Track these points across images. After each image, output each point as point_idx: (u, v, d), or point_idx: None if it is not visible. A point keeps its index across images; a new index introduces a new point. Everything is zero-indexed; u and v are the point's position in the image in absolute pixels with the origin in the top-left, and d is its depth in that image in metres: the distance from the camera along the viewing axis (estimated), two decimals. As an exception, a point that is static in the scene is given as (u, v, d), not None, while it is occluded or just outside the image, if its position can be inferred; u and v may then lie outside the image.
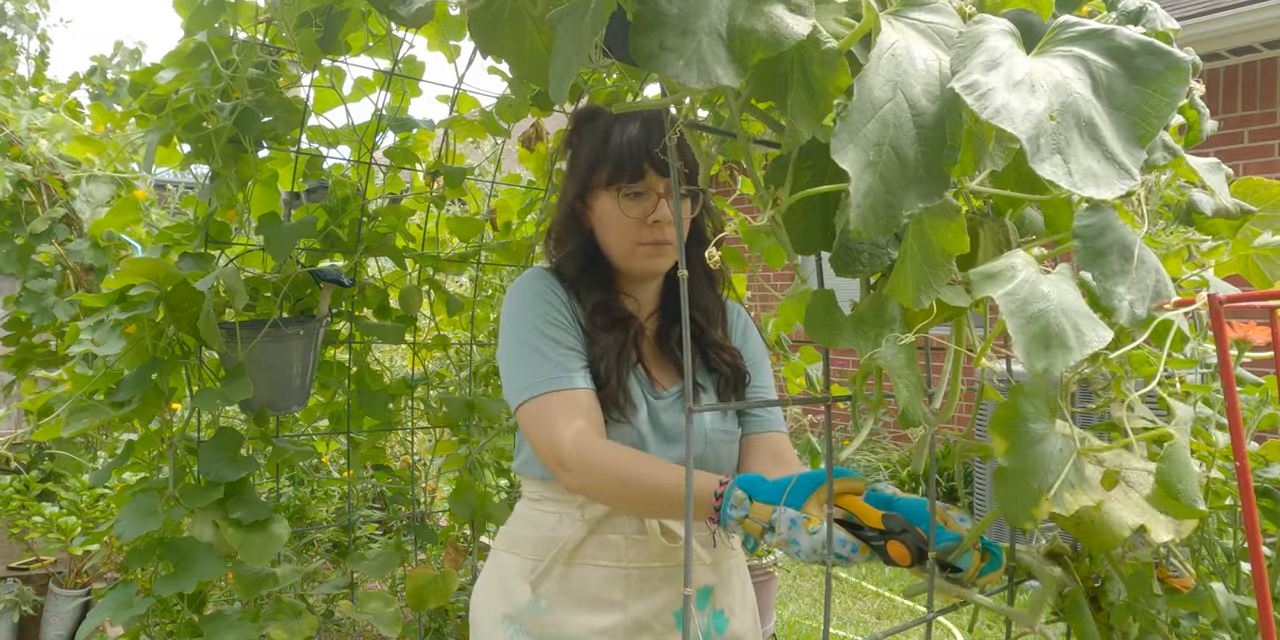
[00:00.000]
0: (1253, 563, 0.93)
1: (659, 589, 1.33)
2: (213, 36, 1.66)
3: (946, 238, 0.70)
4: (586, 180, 1.36)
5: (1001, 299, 0.66)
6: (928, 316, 0.89)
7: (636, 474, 1.16)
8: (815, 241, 0.86)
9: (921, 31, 0.65)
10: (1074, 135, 0.57)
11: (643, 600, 1.32)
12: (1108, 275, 0.72)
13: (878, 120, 0.60)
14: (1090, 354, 0.67)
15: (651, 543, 1.33)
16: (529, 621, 1.33)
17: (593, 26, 0.66)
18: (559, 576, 1.33)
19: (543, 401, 1.24)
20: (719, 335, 1.44)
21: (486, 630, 1.38)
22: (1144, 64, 0.61)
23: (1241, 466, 0.94)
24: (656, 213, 1.32)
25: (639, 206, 1.33)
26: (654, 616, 1.32)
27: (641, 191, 1.33)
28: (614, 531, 1.34)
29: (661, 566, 1.33)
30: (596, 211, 1.37)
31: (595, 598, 1.32)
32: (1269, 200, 1.26)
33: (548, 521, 1.37)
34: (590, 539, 1.34)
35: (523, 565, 1.37)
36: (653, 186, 1.33)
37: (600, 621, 1.31)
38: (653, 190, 1.33)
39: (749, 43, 0.60)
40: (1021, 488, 0.74)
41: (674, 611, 1.33)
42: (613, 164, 1.32)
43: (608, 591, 1.32)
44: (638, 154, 1.31)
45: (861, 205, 0.61)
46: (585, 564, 1.33)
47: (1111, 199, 0.59)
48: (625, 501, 1.22)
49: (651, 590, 1.33)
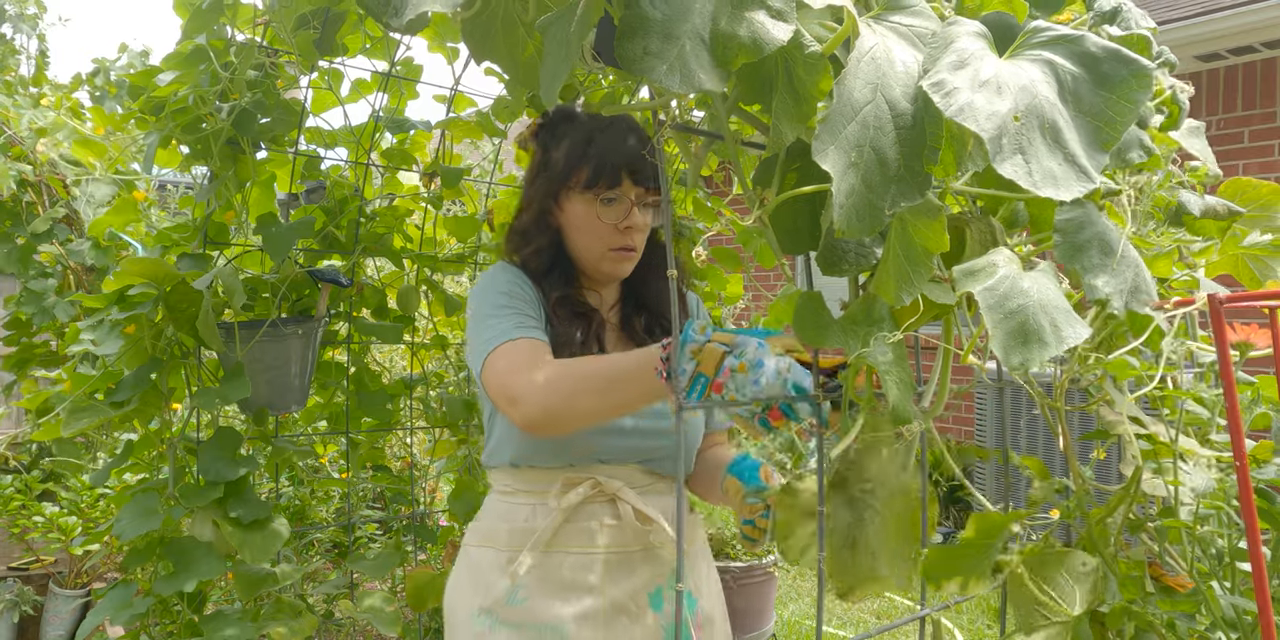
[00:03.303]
0: (1253, 563, 0.94)
1: (634, 572, 1.35)
2: (211, 38, 1.67)
3: (928, 236, 0.71)
4: (561, 181, 1.38)
5: (981, 294, 0.67)
6: (916, 315, 0.90)
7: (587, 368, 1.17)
8: (803, 241, 0.87)
9: (902, 35, 0.66)
10: (1036, 136, 0.58)
11: (619, 584, 1.34)
12: (1088, 269, 0.74)
13: (858, 122, 0.61)
14: (1067, 350, 0.68)
15: (626, 527, 1.35)
16: (506, 612, 1.33)
17: (580, 31, 0.67)
18: (536, 566, 1.34)
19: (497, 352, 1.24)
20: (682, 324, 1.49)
21: (463, 625, 1.38)
22: (1110, 70, 0.62)
23: (1242, 466, 0.94)
24: (629, 219, 1.36)
25: (613, 212, 1.36)
26: (630, 598, 1.35)
27: (616, 198, 1.36)
28: (588, 519, 1.35)
29: (638, 550, 1.35)
30: (568, 213, 1.39)
31: (572, 584, 1.34)
32: (1258, 200, 1.27)
33: (521, 513, 1.38)
34: (565, 527, 1.34)
35: (498, 558, 1.37)
36: (627, 193, 1.36)
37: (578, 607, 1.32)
38: (626, 197, 1.36)
39: (731, 48, 0.61)
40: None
41: (648, 592, 1.36)
42: (592, 169, 1.34)
43: (584, 577, 1.34)
44: (617, 160, 1.34)
45: (844, 206, 0.62)
46: (561, 552, 1.34)
47: (1068, 199, 0.60)
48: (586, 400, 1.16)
49: (627, 574, 1.35)
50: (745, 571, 3.39)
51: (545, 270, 1.40)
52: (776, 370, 0.95)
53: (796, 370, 0.95)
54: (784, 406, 0.97)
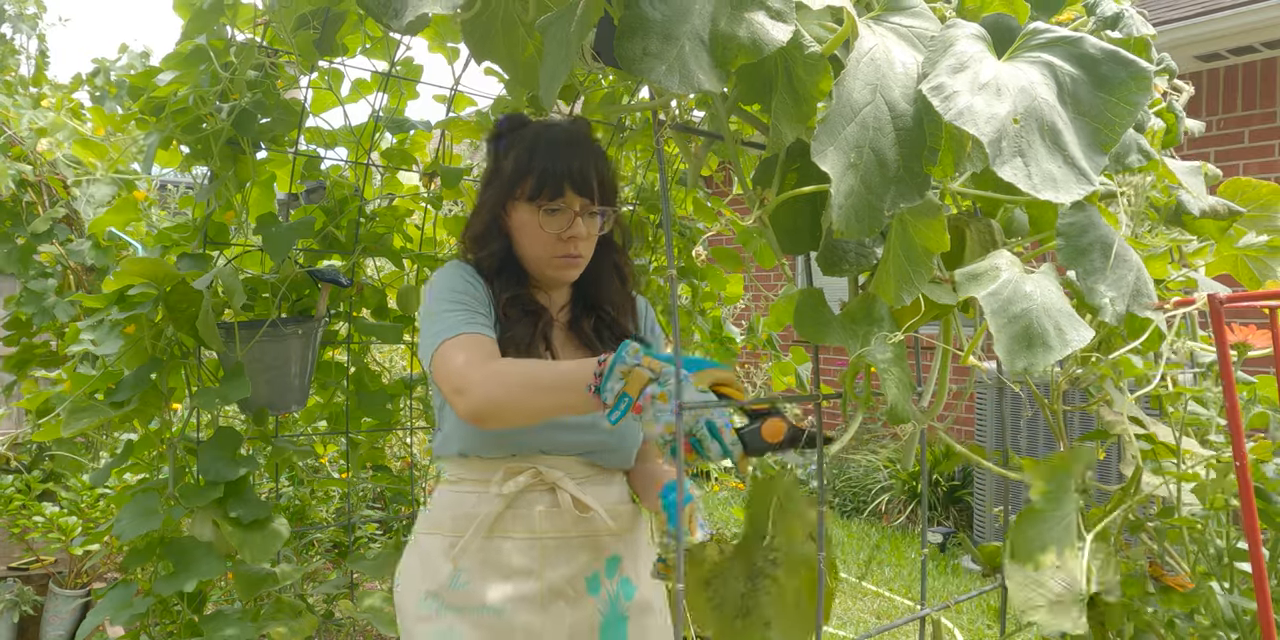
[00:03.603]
0: (1252, 563, 0.94)
1: (573, 557, 1.42)
2: (211, 38, 1.67)
3: (928, 236, 0.71)
4: (508, 191, 1.43)
5: (984, 299, 0.67)
6: (916, 315, 0.91)
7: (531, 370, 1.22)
8: (803, 241, 0.87)
9: (902, 35, 0.66)
10: (1036, 139, 0.58)
11: (557, 568, 1.40)
12: (1089, 272, 0.74)
13: (858, 123, 0.61)
14: (1071, 353, 0.68)
15: (565, 514, 1.41)
16: (450, 596, 1.39)
17: (579, 32, 0.67)
18: (477, 550, 1.40)
19: (448, 344, 1.29)
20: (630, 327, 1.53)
21: (410, 609, 1.44)
22: (1109, 72, 0.62)
23: (1242, 467, 0.94)
24: (572, 229, 1.39)
25: (556, 222, 1.39)
26: (567, 582, 1.41)
27: (559, 208, 1.39)
28: (529, 506, 1.41)
29: (576, 536, 1.41)
30: (515, 220, 1.44)
31: (512, 568, 1.40)
32: (1257, 200, 1.27)
33: (466, 501, 1.43)
34: (506, 513, 1.40)
35: (443, 543, 1.43)
36: (570, 204, 1.39)
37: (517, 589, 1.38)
38: (569, 208, 1.39)
39: (730, 49, 0.61)
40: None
41: (586, 577, 1.43)
42: (535, 180, 1.38)
43: (524, 561, 1.40)
44: (560, 172, 1.37)
45: (843, 206, 0.62)
46: (502, 537, 1.40)
47: (1068, 202, 0.60)
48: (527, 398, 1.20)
49: (565, 559, 1.41)
50: (745, 571, 3.39)
51: (496, 271, 1.45)
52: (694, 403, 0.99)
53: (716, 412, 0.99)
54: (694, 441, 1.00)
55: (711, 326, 2.68)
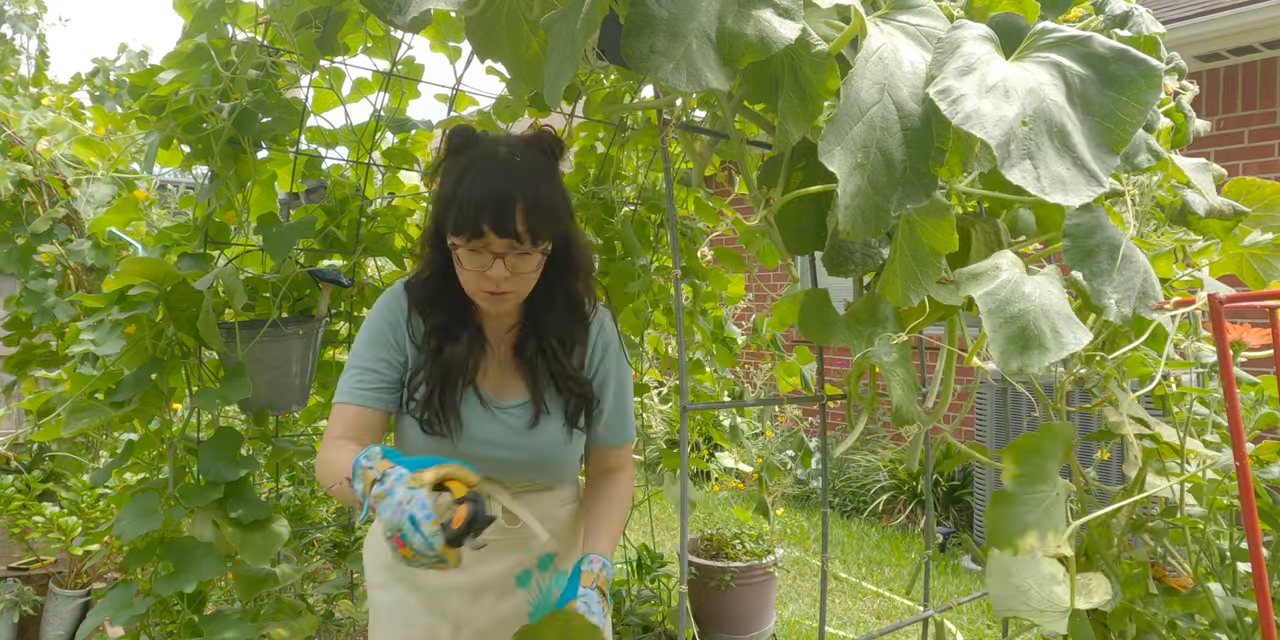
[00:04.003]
0: (1253, 563, 0.93)
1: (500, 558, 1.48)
2: (212, 38, 1.66)
3: (936, 237, 0.70)
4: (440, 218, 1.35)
5: (981, 299, 0.67)
6: (921, 315, 0.90)
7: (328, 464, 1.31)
8: (808, 241, 0.86)
9: (910, 34, 0.65)
10: (1045, 141, 0.57)
11: (489, 565, 1.47)
12: (1096, 274, 0.73)
13: (865, 123, 0.60)
14: (1066, 355, 0.67)
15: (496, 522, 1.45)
16: (400, 572, 1.48)
17: (585, 30, 0.66)
18: None
19: (333, 408, 1.42)
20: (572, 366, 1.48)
21: (372, 576, 1.54)
22: (1118, 71, 0.61)
23: (1241, 466, 0.94)
24: (492, 270, 1.31)
25: (476, 261, 1.32)
26: (497, 578, 1.48)
27: (478, 249, 1.31)
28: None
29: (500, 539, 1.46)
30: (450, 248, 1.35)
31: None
32: (1262, 200, 1.26)
33: None
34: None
35: None
36: (490, 246, 1.30)
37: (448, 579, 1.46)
38: (489, 250, 1.30)
39: (738, 46, 0.61)
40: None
41: (515, 574, 1.49)
42: (454, 218, 1.30)
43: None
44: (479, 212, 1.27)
45: (850, 207, 0.62)
46: None
47: (1077, 204, 0.59)
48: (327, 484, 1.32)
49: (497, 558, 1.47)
50: (745, 571, 3.39)
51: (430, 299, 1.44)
52: (399, 502, 1.07)
53: (416, 504, 1.06)
54: (403, 535, 1.06)
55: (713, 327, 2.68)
